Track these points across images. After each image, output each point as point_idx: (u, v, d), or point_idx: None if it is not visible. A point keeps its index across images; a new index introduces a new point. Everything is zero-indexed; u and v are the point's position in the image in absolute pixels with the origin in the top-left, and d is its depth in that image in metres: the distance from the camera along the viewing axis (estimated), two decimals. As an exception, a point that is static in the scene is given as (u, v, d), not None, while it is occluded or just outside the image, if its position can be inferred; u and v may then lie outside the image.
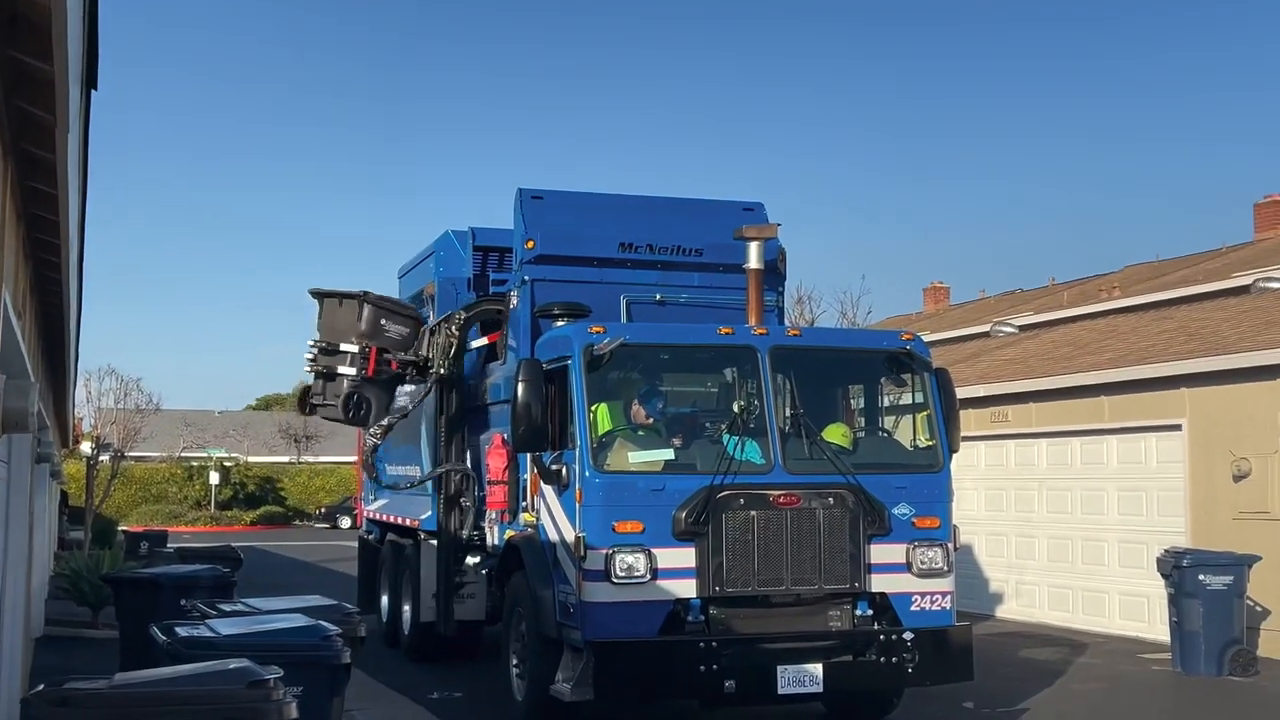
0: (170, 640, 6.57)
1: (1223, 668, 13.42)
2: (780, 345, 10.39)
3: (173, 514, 53.18)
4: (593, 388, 9.94)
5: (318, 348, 12.87)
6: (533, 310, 11.65)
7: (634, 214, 12.43)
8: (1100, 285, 28.24)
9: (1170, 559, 13.85)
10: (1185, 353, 16.48)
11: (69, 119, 4.88)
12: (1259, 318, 17.28)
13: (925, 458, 10.60)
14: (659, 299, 11.98)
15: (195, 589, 11.29)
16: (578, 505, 9.70)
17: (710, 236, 12.08)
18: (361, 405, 12.91)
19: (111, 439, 35.53)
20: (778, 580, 9.72)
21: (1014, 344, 23.18)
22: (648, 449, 10.02)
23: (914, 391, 10.95)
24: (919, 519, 10.17)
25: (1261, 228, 28.13)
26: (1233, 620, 13.59)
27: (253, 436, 66.65)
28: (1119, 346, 18.89)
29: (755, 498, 9.69)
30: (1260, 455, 14.71)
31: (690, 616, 9.62)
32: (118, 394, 38.57)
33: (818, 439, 10.15)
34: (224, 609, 8.28)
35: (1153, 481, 16.40)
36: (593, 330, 10.10)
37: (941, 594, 10.20)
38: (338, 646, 6.64)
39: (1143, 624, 16.20)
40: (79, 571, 16.92)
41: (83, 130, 5.79)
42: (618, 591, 9.48)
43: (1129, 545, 16.61)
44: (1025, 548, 18.55)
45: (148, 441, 44.93)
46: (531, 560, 10.45)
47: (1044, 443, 18.32)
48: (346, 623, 7.57)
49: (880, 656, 9.79)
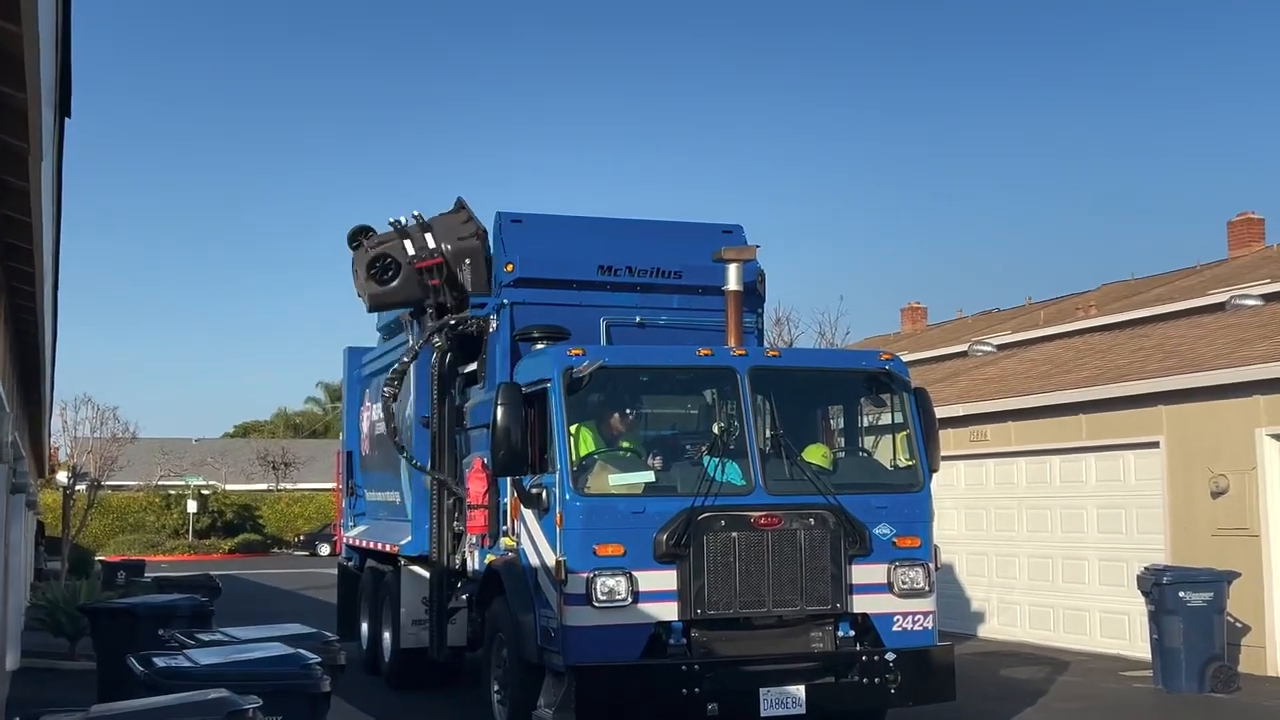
0: (148, 671, 6.51)
1: (1204, 684, 13.43)
2: (760, 366, 10.40)
3: (150, 543, 52.77)
4: (572, 410, 9.93)
5: (416, 220, 12.81)
6: (512, 334, 11.64)
7: (613, 237, 12.45)
8: (1076, 304, 28.39)
9: (1150, 576, 13.88)
10: (1162, 370, 16.56)
11: (42, 147, 4.86)
12: (1234, 335, 17.39)
13: (905, 477, 10.62)
14: (639, 321, 11.99)
15: (173, 619, 11.21)
16: (558, 529, 9.67)
17: (689, 259, 12.10)
18: (388, 270, 12.72)
19: (88, 468, 35.25)
20: (759, 602, 9.70)
21: (992, 363, 23.27)
22: (628, 471, 10.01)
23: (893, 411, 10.97)
24: (900, 539, 10.17)
25: (1235, 245, 28.33)
26: (1213, 637, 13.62)
27: (230, 464, 66.30)
28: (1096, 365, 18.98)
29: (736, 519, 9.68)
30: (1238, 471, 14.78)
31: (672, 639, 9.59)
32: (94, 423, 38.28)
33: (798, 460, 10.15)
34: (202, 638, 8.21)
35: (1132, 499, 16.45)
36: (572, 353, 10.09)
37: (923, 614, 10.20)
38: (317, 675, 6.59)
39: (1124, 641, 16.22)
40: (55, 602, 16.76)
41: (56, 158, 5.76)
42: (599, 615, 9.44)
43: (1109, 563, 16.65)
44: (1006, 567, 18.58)
45: (124, 470, 44.60)
46: (512, 585, 10.41)
47: (1023, 461, 18.36)
48: (326, 651, 7.52)
49: (862, 677, 9.78)
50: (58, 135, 5.46)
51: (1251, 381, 14.68)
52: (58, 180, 6.08)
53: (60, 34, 4.71)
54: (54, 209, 6.32)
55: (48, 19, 4.01)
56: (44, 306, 8.37)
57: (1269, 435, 14.56)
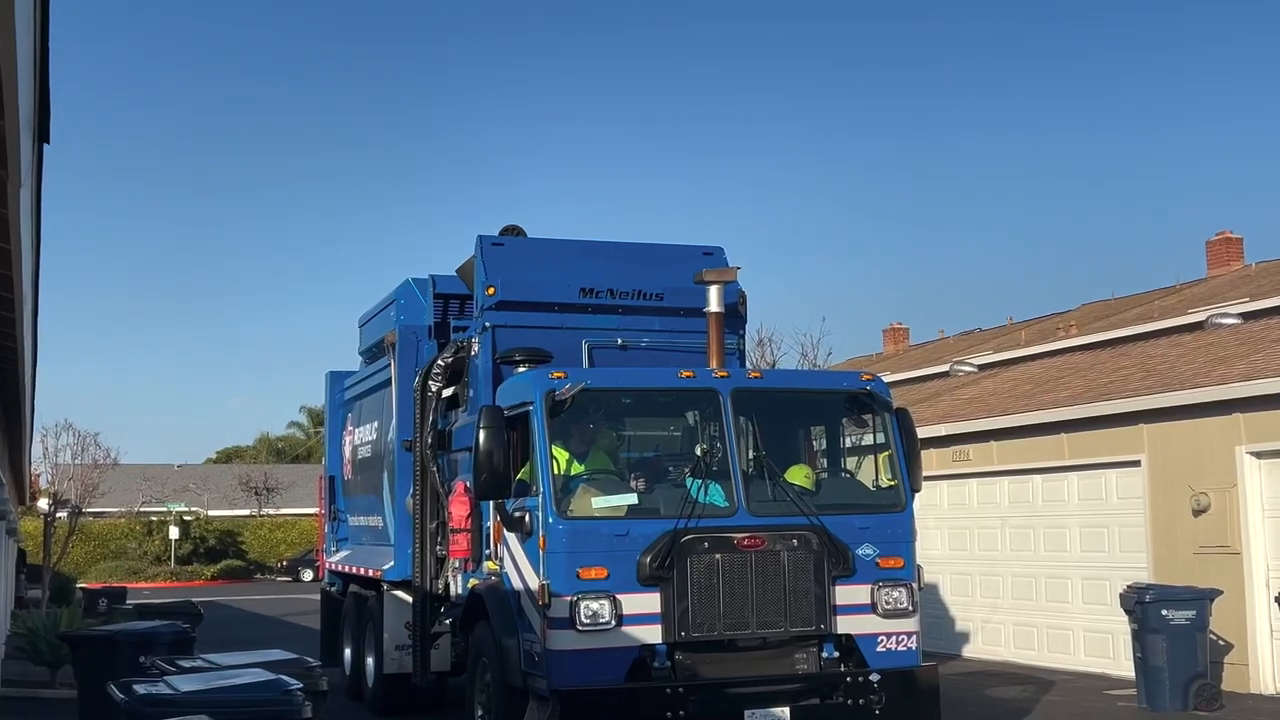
0: (129, 699, 6.46)
1: (1188, 703, 13.45)
2: (742, 388, 10.41)
3: (132, 570, 52.38)
4: (555, 433, 9.92)
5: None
6: (494, 357, 11.63)
7: (594, 259, 12.47)
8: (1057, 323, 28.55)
9: (1133, 594, 13.90)
10: (1142, 389, 16.63)
11: (20, 173, 4.85)
12: (1214, 353, 17.49)
13: (888, 498, 10.63)
14: (620, 344, 11.99)
15: (154, 646, 11.13)
16: (541, 552, 9.65)
17: (670, 281, 12.13)
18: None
19: (69, 495, 35.09)
20: (743, 624, 9.69)
21: (974, 383, 23.34)
22: (611, 494, 9.99)
23: (875, 432, 10.99)
24: (883, 559, 10.18)
25: (1214, 264, 28.55)
26: (1196, 655, 13.64)
27: (213, 490, 66.00)
28: (1077, 384, 19.05)
29: (719, 541, 9.67)
30: (1219, 489, 14.84)
31: (656, 662, 9.56)
32: (75, 449, 38.17)
33: (781, 481, 10.15)
34: (184, 665, 8.16)
35: (1114, 517, 16.49)
36: (554, 375, 10.10)
37: (907, 634, 10.19)
38: (299, 701, 6.55)
39: (1108, 660, 16.24)
40: (36, 630, 16.63)
41: (35, 184, 5.76)
42: (583, 639, 9.42)
43: (1092, 581, 16.68)
44: (989, 586, 18.59)
45: (106, 497, 44.45)
46: (495, 609, 10.38)
47: (1005, 481, 18.41)
48: (308, 676, 7.47)
49: (847, 698, 9.77)
50: (36, 162, 5.46)
51: (1232, 400, 14.75)
52: (37, 207, 6.07)
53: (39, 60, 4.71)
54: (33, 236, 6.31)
55: (25, 45, 4.01)
56: (24, 332, 8.34)
57: (1249, 453, 14.63)
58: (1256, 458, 14.63)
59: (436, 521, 12.63)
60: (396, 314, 14.45)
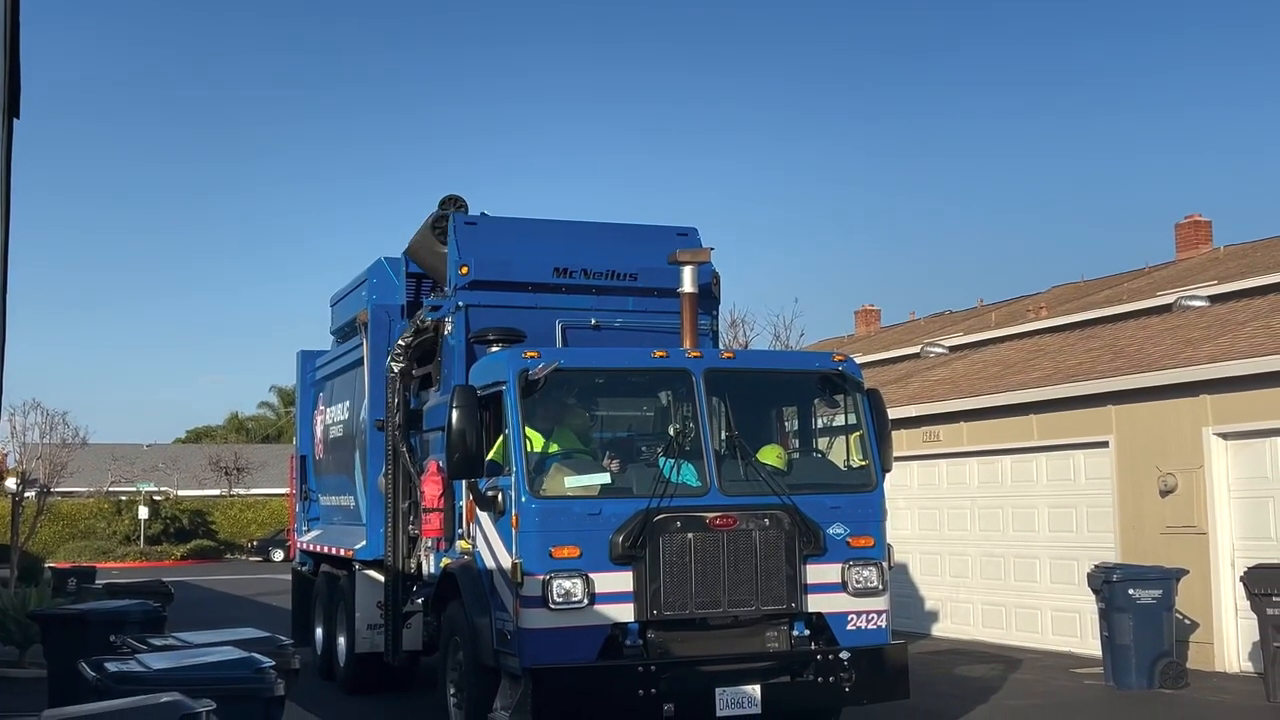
0: (99, 676, 6.45)
1: (1154, 681, 13.61)
2: (714, 368, 10.43)
3: (101, 550, 52.13)
4: (528, 413, 9.93)
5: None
6: (467, 336, 11.62)
7: (568, 239, 12.46)
8: (1028, 305, 28.70)
9: (1100, 574, 14.04)
10: (1111, 371, 16.77)
11: (-9, 147, 4.82)
12: (1181, 335, 17.64)
13: (859, 477, 10.68)
14: (594, 324, 12.00)
15: (125, 624, 11.08)
16: (514, 531, 9.66)
17: (644, 261, 12.13)
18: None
19: (37, 474, 34.84)
20: (715, 602, 9.73)
21: (944, 364, 23.46)
22: (584, 473, 10.01)
23: (847, 412, 11.04)
24: (854, 538, 10.23)
25: (1183, 247, 28.77)
26: (1162, 634, 13.80)
27: (182, 470, 65.71)
28: (1047, 365, 19.18)
29: (692, 520, 9.71)
30: (1185, 470, 14.99)
31: (628, 641, 9.59)
32: (43, 428, 37.86)
33: (753, 460, 10.19)
34: (155, 644, 8.14)
35: (1082, 498, 16.64)
36: (527, 355, 10.09)
37: (877, 613, 10.26)
38: (271, 679, 6.56)
39: (1075, 639, 16.40)
40: (5, 609, 16.52)
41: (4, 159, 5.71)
42: (555, 617, 9.44)
43: (1060, 561, 16.83)
44: (958, 566, 18.74)
45: (75, 476, 44.12)
46: (468, 588, 10.39)
47: (975, 461, 18.53)
48: (280, 655, 7.48)
49: (817, 676, 9.83)
50: (6, 137, 5.41)
51: (1199, 381, 14.89)
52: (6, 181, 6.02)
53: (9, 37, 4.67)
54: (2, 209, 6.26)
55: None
56: (-8, 309, 8.26)
57: (1216, 434, 14.78)
58: (1223, 439, 14.78)
59: (409, 501, 12.62)
60: (368, 293, 14.42)
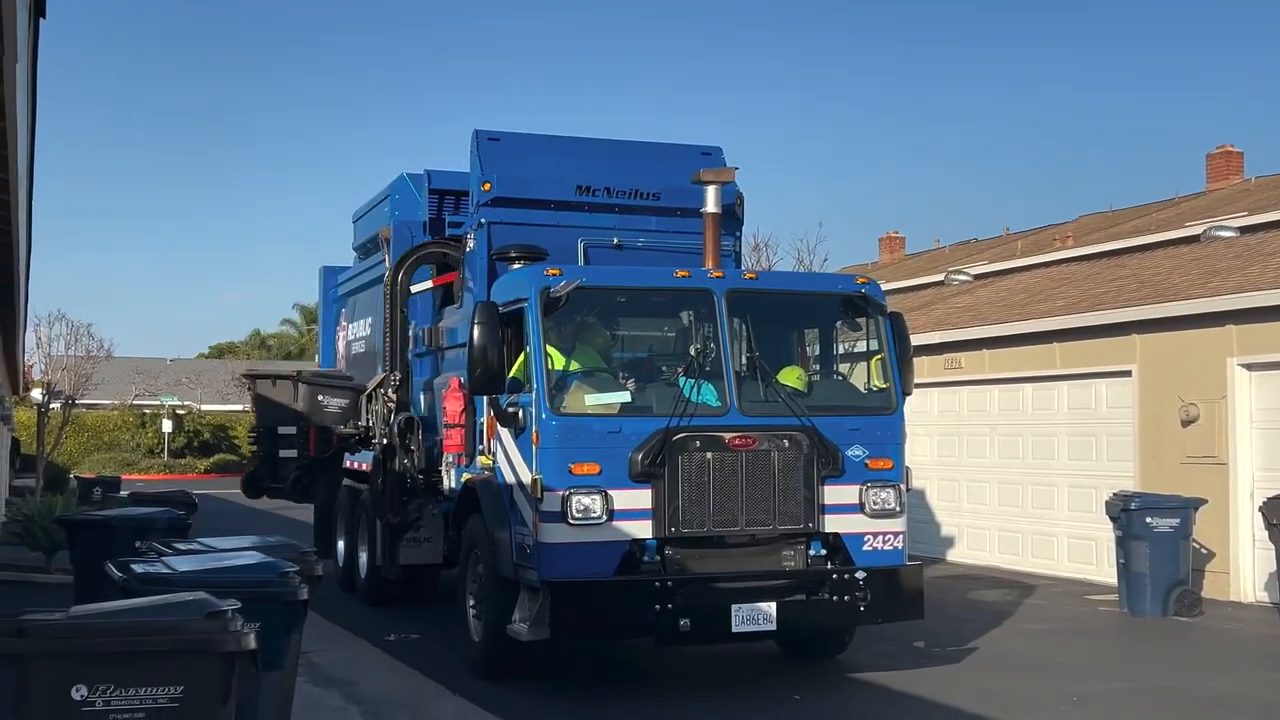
0: (126, 576, 6.56)
1: (1168, 608, 13.69)
2: (736, 288, 10.41)
3: (125, 462, 52.70)
4: (549, 330, 9.95)
5: (255, 433, 13.19)
6: (489, 253, 11.62)
7: (592, 157, 12.40)
8: (1054, 235, 28.46)
9: (1119, 502, 14.08)
10: (1136, 300, 16.68)
11: (17, 47, 4.80)
12: (1209, 266, 17.50)
13: (879, 400, 10.69)
14: (616, 243, 11.97)
15: (150, 530, 11.24)
16: (534, 447, 9.72)
17: (668, 180, 12.07)
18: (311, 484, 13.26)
19: (63, 386, 35.14)
20: (733, 521, 9.80)
21: (968, 292, 23.36)
22: (604, 391, 10.04)
23: (869, 335, 11.02)
24: (872, 460, 10.26)
25: (1213, 178, 28.41)
26: (1178, 562, 13.85)
27: (205, 385, 66.10)
28: (1072, 294, 19.08)
29: (711, 440, 9.75)
30: (1207, 400, 14.96)
31: (646, 557, 9.68)
32: (68, 340, 38.12)
33: (773, 381, 10.20)
34: (180, 548, 8.26)
35: (1102, 426, 16.63)
36: (549, 273, 10.08)
37: (893, 534, 10.32)
38: (295, 583, 6.65)
39: (1091, 566, 16.48)
40: (31, 516, 16.78)
41: (31, 60, 5.70)
42: (574, 532, 9.52)
43: (1078, 490, 16.87)
44: (976, 492, 18.80)
45: (99, 389, 44.51)
46: (488, 502, 10.48)
47: (996, 389, 18.52)
48: (303, 561, 7.55)
49: (833, 595, 9.91)
50: (32, 36, 5.39)
51: (1224, 311, 14.82)
52: (33, 83, 6.01)
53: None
54: (29, 113, 6.26)
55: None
56: (18, 217, 8.30)
57: (1240, 365, 14.73)
58: (1247, 369, 14.73)
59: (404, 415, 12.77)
60: (391, 209, 14.41)
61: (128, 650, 4.86)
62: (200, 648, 4.95)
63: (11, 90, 5.27)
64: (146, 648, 4.87)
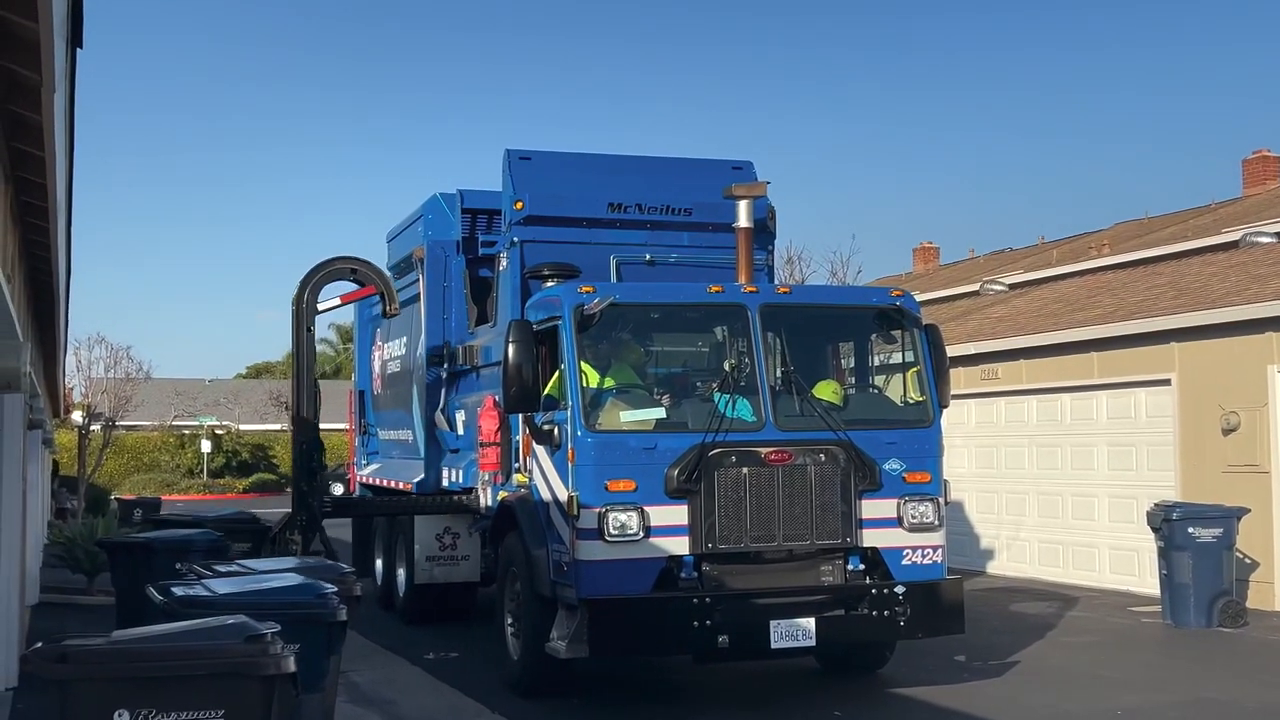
0: (167, 599, 6.60)
1: (1212, 619, 13.53)
2: (770, 303, 10.40)
3: (165, 482, 53.06)
4: (583, 347, 9.96)
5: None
6: (522, 272, 11.67)
7: (623, 174, 12.44)
8: (1090, 243, 28.31)
9: (1160, 512, 13.93)
10: (1174, 308, 16.53)
11: (55, 78, 4.86)
12: (1247, 272, 17.33)
13: (916, 413, 10.63)
14: (649, 259, 12.00)
15: (189, 552, 11.34)
16: (570, 465, 9.73)
17: (699, 195, 12.08)
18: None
19: (102, 408, 35.48)
20: (770, 536, 9.76)
21: (1004, 302, 23.23)
22: (639, 408, 10.04)
23: (904, 348, 10.97)
24: (910, 474, 10.21)
25: (1250, 183, 28.18)
26: (1222, 572, 13.69)
27: (244, 405, 66.48)
28: (1109, 303, 18.94)
29: (747, 455, 9.72)
30: (1249, 408, 14.80)
31: (683, 573, 9.66)
32: (108, 362, 38.50)
33: (808, 396, 10.18)
34: (219, 569, 8.31)
35: (1142, 436, 16.48)
36: (582, 290, 10.10)
37: (932, 548, 10.26)
38: (334, 604, 6.68)
39: (1133, 577, 16.32)
40: (74, 538, 16.95)
41: (69, 90, 5.76)
42: (611, 549, 9.52)
43: (1119, 500, 16.71)
44: (1016, 504, 18.65)
45: (139, 410, 44.86)
46: (525, 520, 10.50)
47: (1034, 399, 18.38)
48: (342, 582, 7.59)
49: (872, 610, 9.86)
50: (70, 66, 5.46)
51: (1264, 319, 14.65)
52: (70, 113, 6.08)
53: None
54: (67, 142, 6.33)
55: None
56: (58, 242, 8.38)
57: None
58: (1289, 377, 14.55)
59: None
60: (424, 229, 14.47)
61: (169, 674, 4.89)
62: (240, 671, 4.98)
63: (50, 121, 5.33)
64: (187, 672, 4.90)
